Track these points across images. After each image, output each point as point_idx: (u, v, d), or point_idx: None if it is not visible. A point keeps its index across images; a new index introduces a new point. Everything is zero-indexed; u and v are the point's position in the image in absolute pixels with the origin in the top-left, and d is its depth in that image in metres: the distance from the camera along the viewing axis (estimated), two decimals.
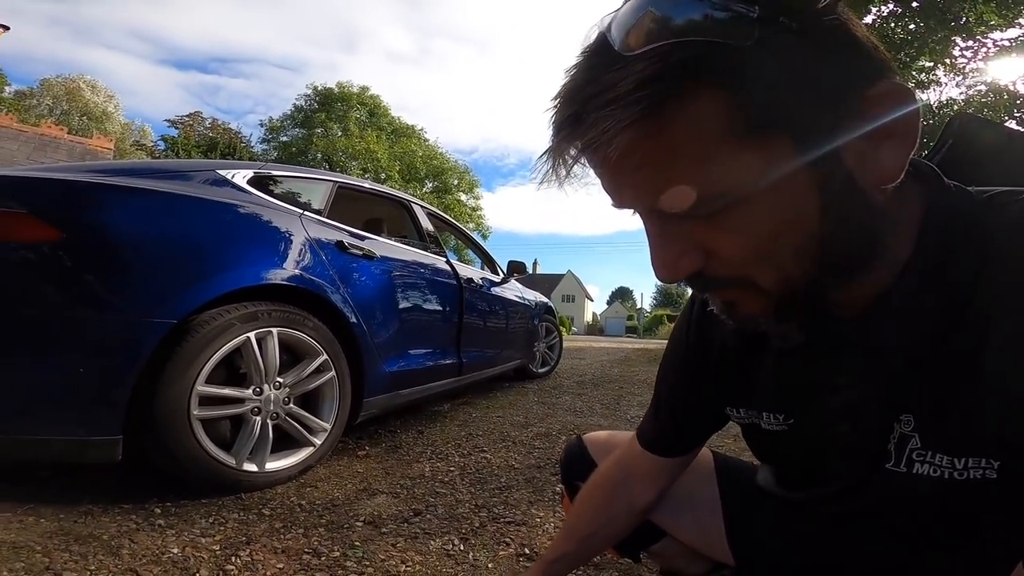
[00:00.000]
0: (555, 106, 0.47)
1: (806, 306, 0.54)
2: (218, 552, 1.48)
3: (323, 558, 1.48)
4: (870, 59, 0.46)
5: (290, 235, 2.23)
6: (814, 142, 0.45)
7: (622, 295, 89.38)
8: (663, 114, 0.42)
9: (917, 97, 0.46)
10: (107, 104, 34.84)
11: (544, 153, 0.49)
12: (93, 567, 1.34)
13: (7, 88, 32.27)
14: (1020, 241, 0.51)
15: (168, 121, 34.70)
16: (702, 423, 0.87)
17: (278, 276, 2.07)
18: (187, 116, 34.98)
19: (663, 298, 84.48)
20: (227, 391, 1.87)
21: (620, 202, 0.51)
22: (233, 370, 1.97)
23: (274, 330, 2.00)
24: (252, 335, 1.93)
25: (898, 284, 0.55)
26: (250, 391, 1.94)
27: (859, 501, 0.67)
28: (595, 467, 1.02)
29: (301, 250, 2.24)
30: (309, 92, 34.22)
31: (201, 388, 1.78)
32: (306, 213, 2.40)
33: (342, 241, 2.48)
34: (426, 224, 3.63)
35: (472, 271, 3.99)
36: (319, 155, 30.77)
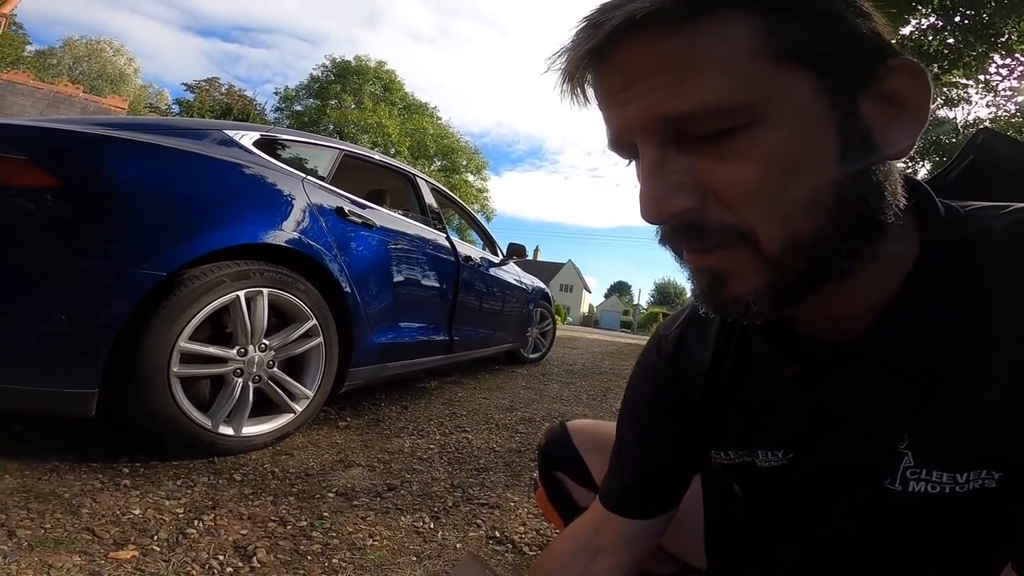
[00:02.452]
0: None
1: (805, 284, 0.49)
2: (181, 515, 1.47)
3: (289, 527, 1.47)
4: (890, 39, 0.47)
5: (291, 198, 2.20)
6: (839, 85, 0.45)
7: (620, 289, 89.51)
8: (695, 18, 0.42)
9: (931, 80, 0.46)
10: (127, 67, 34.87)
11: (563, 49, 0.48)
12: (48, 525, 1.32)
13: (28, 47, 32.17)
14: (1014, 257, 0.50)
15: (185, 85, 34.76)
16: (680, 474, 0.78)
17: (274, 237, 2.04)
18: (204, 81, 34.84)
19: (660, 296, 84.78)
20: (211, 349, 1.85)
21: (624, 120, 0.47)
22: (218, 329, 1.95)
23: (264, 290, 1.98)
24: (242, 294, 1.90)
25: (903, 297, 0.52)
26: (234, 351, 1.92)
27: (853, 520, 0.65)
28: (579, 458, 0.97)
29: (300, 213, 2.21)
30: (327, 63, 34.18)
31: (184, 344, 1.75)
32: (309, 178, 2.38)
33: (342, 208, 2.45)
34: (429, 199, 3.60)
35: (472, 250, 3.96)
36: (331, 126, 30.71)
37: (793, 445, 0.66)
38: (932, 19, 7.61)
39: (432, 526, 1.59)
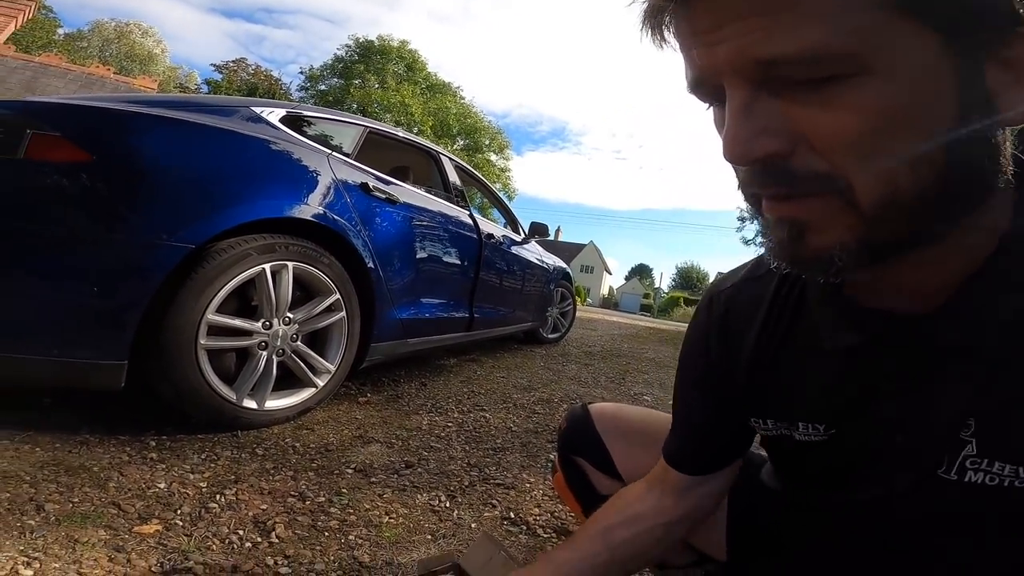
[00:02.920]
0: None
1: (898, 244, 0.46)
2: (204, 489, 1.49)
3: (308, 502, 1.49)
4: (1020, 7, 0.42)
5: (316, 173, 2.21)
6: (965, 46, 0.41)
7: (641, 272, 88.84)
8: None
9: None
10: (155, 48, 35.37)
11: None
12: (76, 499, 1.35)
13: (59, 31, 32.55)
14: None
15: (214, 66, 34.81)
16: (727, 440, 0.79)
17: (299, 211, 2.05)
18: (232, 62, 34.93)
19: (682, 280, 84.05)
20: (237, 322, 1.87)
21: (712, 59, 0.44)
22: (244, 302, 1.97)
23: (290, 264, 1.99)
24: (267, 267, 1.92)
25: (985, 273, 0.49)
26: (259, 324, 1.94)
27: (898, 508, 0.62)
28: (601, 444, 0.95)
29: (326, 189, 2.22)
30: (350, 43, 34.04)
31: (211, 317, 1.77)
32: (334, 154, 2.38)
33: (367, 183, 2.45)
34: (453, 177, 3.58)
35: (494, 227, 3.95)
36: (355, 105, 30.65)
37: (836, 420, 0.63)
38: None
39: (448, 505, 1.60)
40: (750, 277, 0.73)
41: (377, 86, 32.04)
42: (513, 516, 1.59)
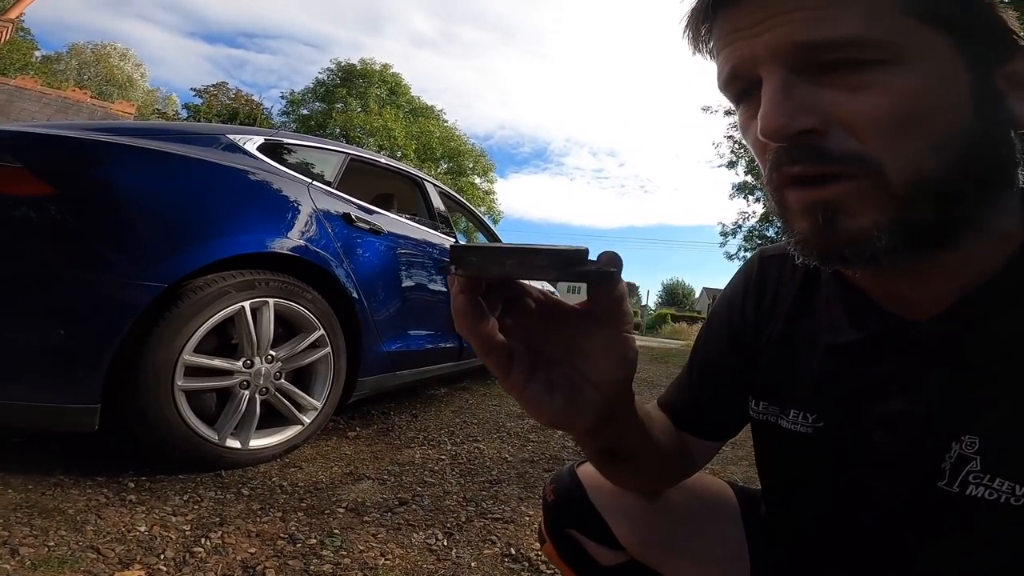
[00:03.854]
0: None
1: (933, 229, 0.47)
2: (188, 532, 1.42)
3: (299, 545, 1.43)
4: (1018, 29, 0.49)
5: (296, 204, 2.16)
6: (977, 54, 0.46)
7: (628, 291, 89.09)
8: None
9: None
10: (134, 72, 35.33)
11: None
12: (52, 543, 1.28)
13: (36, 53, 32.40)
14: None
15: (194, 90, 34.75)
16: (729, 405, 0.75)
17: (280, 245, 2.00)
18: (212, 86, 34.94)
19: (668, 297, 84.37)
20: (216, 362, 1.81)
21: (751, 49, 0.48)
22: (224, 340, 1.90)
23: (271, 300, 1.94)
24: (247, 304, 1.86)
25: (998, 283, 0.50)
26: (240, 363, 1.87)
27: (892, 517, 0.59)
28: (599, 519, 0.83)
29: (307, 220, 2.17)
30: (332, 67, 34.16)
31: (188, 358, 1.71)
32: (315, 183, 2.34)
33: (349, 214, 2.41)
34: (437, 203, 3.55)
35: None
36: (337, 129, 30.70)
37: (826, 413, 0.62)
38: None
39: (445, 543, 1.54)
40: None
41: (360, 110, 32.13)
42: (514, 552, 1.53)
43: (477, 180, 35.59)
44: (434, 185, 3.69)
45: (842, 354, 0.60)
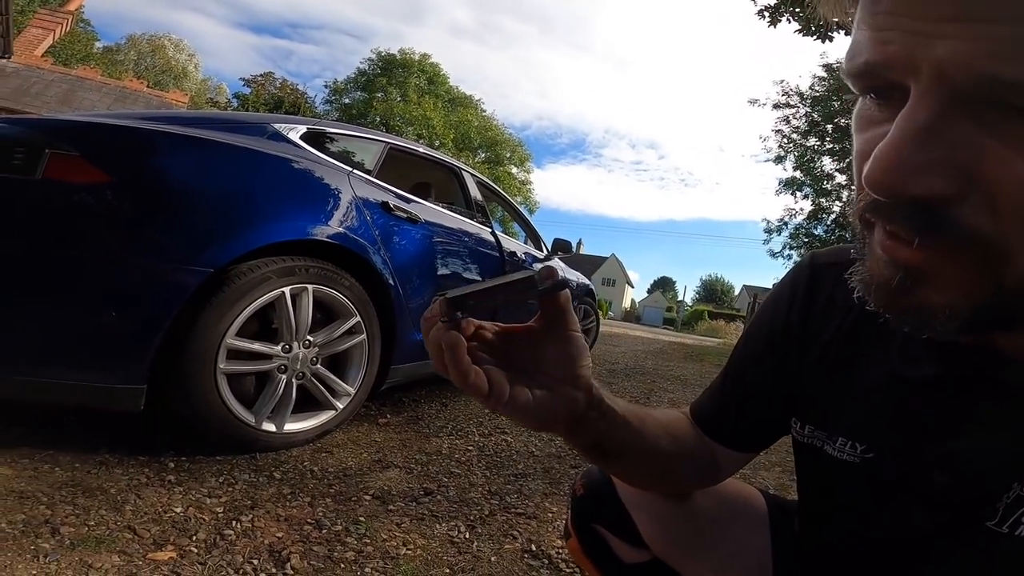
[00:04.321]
0: None
1: (1004, 317, 0.41)
2: (220, 515, 1.47)
3: (324, 531, 1.46)
4: None
5: (337, 192, 2.20)
6: None
7: (663, 285, 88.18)
8: None
9: None
10: (188, 63, 36.51)
11: None
12: (92, 522, 1.34)
13: (96, 44, 33.56)
14: None
15: (243, 80, 35.99)
16: (760, 420, 0.74)
17: (320, 232, 2.04)
18: (260, 76, 35.83)
19: (706, 293, 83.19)
20: (256, 346, 1.86)
21: (912, 51, 0.35)
22: (264, 326, 1.95)
23: (310, 287, 1.98)
24: (287, 290, 1.90)
25: None
26: (279, 348, 1.92)
27: (934, 555, 0.57)
28: (626, 515, 0.83)
29: (346, 208, 2.21)
30: (373, 57, 34.60)
31: (231, 341, 1.76)
32: (355, 172, 2.37)
33: (388, 203, 2.43)
34: (475, 193, 3.56)
35: (516, 244, 3.91)
36: (377, 118, 31.07)
37: (879, 444, 0.58)
38: None
39: (467, 536, 1.56)
40: (854, 260, 0.69)
41: (399, 99, 32.46)
42: (534, 549, 1.54)
43: (514, 170, 35.67)
44: (471, 175, 3.69)
45: (915, 389, 0.56)
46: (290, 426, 1.98)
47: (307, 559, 1.32)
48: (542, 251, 4.54)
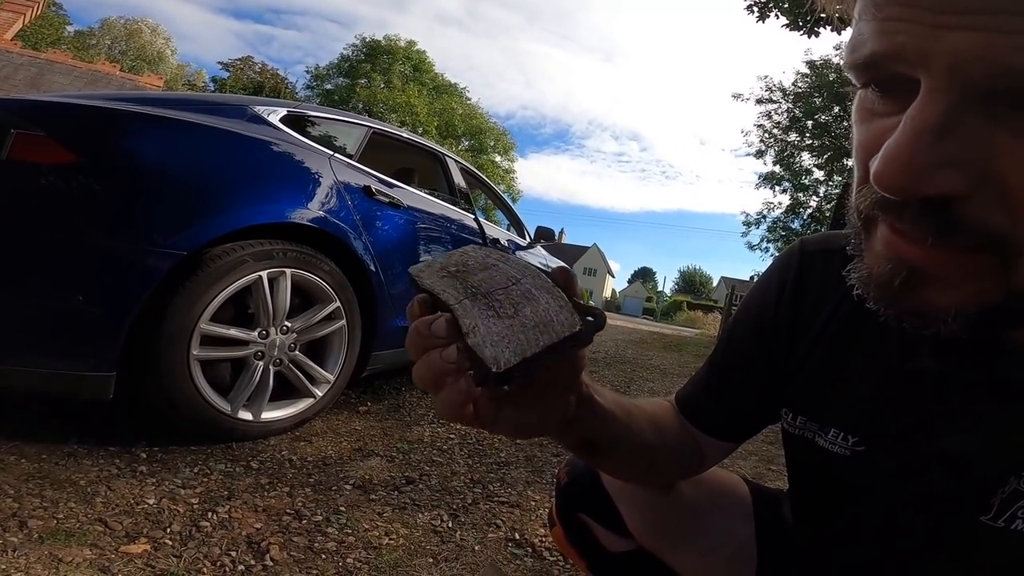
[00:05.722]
0: None
1: (1012, 317, 0.40)
2: (195, 506, 1.43)
3: (304, 521, 1.43)
4: None
5: (317, 176, 2.15)
6: None
7: (643, 275, 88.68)
8: None
9: None
10: (164, 48, 35.77)
11: None
12: (61, 515, 1.28)
13: (68, 28, 32.73)
14: None
15: (221, 64, 35.34)
16: (747, 409, 0.72)
17: (299, 215, 1.99)
18: (239, 60, 35.31)
19: (685, 284, 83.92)
20: (232, 332, 1.81)
21: (922, 42, 0.33)
22: (240, 311, 1.90)
23: (288, 271, 1.92)
24: (264, 274, 1.85)
25: None
26: (255, 334, 1.87)
27: (925, 548, 0.56)
28: (611, 506, 0.82)
29: (327, 192, 2.16)
30: (357, 43, 34.20)
31: (205, 326, 1.71)
32: (336, 155, 2.32)
33: (370, 187, 2.39)
34: (458, 179, 3.52)
35: (499, 232, 3.89)
36: (360, 105, 30.76)
37: (872, 437, 0.57)
38: None
39: (450, 525, 1.54)
40: (845, 247, 0.67)
41: (383, 86, 32.14)
42: (518, 538, 1.52)
43: (497, 158, 35.61)
44: (455, 161, 3.65)
45: (911, 381, 0.54)
46: (267, 414, 1.93)
47: (287, 550, 1.29)
48: (525, 239, 4.52)
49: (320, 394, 2.10)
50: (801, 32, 9.22)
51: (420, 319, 0.45)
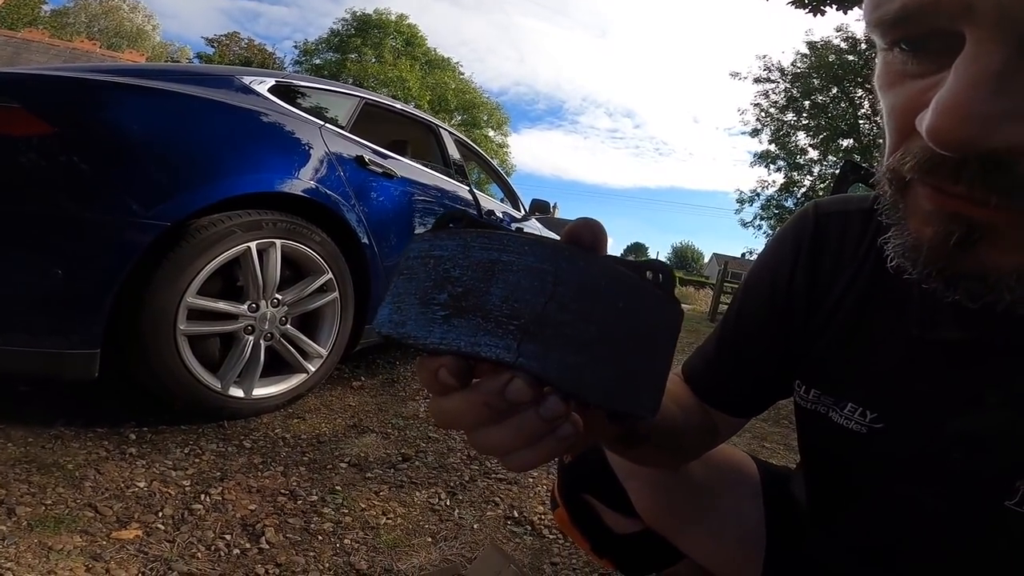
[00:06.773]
0: None
1: None
2: (188, 488, 1.38)
3: (299, 502, 1.39)
4: None
5: (307, 146, 2.07)
6: None
7: (636, 251, 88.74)
8: None
9: None
10: (145, 24, 34.92)
11: None
12: (50, 501, 1.23)
13: (44, 7, 31.70)
14: None
15: (206, 39, 34.33)
16: (761, 383, 0.68)
17: (288, 185, 1.91)
18: (224, 35, 34.41)
19: (677, 259, 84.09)
20: (220, 305, 1.74)
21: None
22: (229, 283, 1.83)
23: (278, 242, 1.86)
24: (253, 245, 1.78)
25: None
26: (245, 307, 1.81)
27: (946, 532, 0.53)
28: (618, 486, 0.79)
29: (317, 162, 2.08)
30: (347, 17, 33.44)
31: (191, 300, 1.64)
32: (327, 125, 2.24)
33: (362, 156, 2.31)
34: (453, 151, 3.44)
35: (494, 204, 3.83)
36: (351, 79, 30.26)
37: (893, 413, 0.54)
38: None
39: (448, 503, 1.50)
40: (861, 209, 0.61)
41: (374, 60, 31.61)
42: (516, 515, 1.49)
43: (491, 133, 35.26)
44: (450, 133, 3.57)
45: (933, 353, 0.51)
46: (259, 391, 1.87)
47: (282, 532, 1.25)
48: (520, 211, 4.45)
49: (313, 369, 2.05)
50: (807, 10, 9.05)
51: (472, 394, 0.33)
